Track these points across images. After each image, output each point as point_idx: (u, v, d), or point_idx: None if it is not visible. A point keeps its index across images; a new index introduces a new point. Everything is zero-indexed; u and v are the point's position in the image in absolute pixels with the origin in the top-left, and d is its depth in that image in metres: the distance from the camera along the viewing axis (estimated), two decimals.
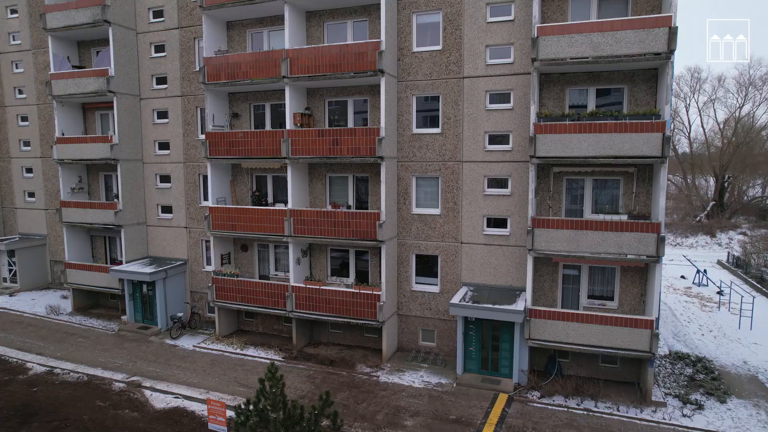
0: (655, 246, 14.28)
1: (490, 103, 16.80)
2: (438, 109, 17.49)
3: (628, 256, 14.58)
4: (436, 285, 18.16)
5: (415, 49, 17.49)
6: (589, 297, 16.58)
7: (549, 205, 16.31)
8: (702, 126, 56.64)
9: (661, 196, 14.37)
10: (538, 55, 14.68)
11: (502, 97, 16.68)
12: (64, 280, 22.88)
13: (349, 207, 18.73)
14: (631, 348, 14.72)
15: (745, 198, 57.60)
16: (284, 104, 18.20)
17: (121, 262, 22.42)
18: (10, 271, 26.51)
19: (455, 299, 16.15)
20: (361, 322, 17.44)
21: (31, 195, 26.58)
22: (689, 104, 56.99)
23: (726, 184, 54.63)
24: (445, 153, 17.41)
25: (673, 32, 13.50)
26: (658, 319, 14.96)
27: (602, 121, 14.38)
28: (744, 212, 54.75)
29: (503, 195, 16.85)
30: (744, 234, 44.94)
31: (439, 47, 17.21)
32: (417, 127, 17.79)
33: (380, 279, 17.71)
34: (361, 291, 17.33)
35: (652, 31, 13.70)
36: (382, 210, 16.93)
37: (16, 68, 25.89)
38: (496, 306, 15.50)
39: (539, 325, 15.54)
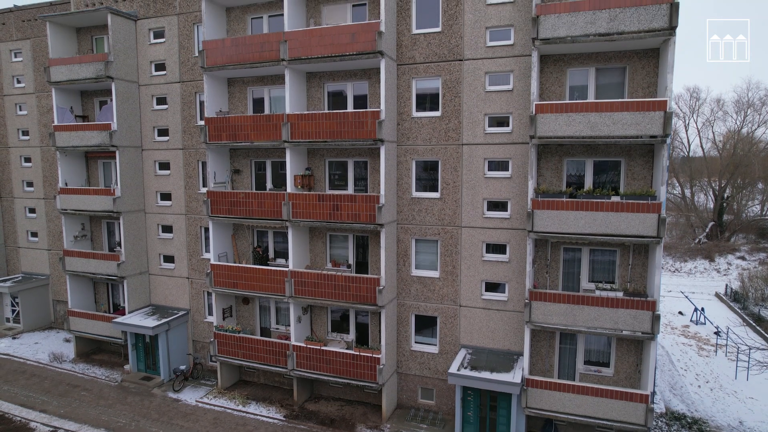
0: (650, 323, 14.49)
1: (488, 171, 17.00)
2: (437, 174, 17.70)
3: (624, 332, 14.80)
4: (435, 345, 18.39)
5: (415, 114, 17.70)
6: (586, 363, 16.79)
7: (546, 274, 16.53)
8: (701, 146, 56.83)
9: (656, 274, 14.58)
10: (536, 133, 14.88)
11: (500, 165, 16.89)
12: (67, 327, 23.10)
13: (349, 266, 18.95)
14: (626, 421, 14.94)
15: (744, 216, 57.80)
16: (285, 161, 18.38)
17: (123, 309, 22.70)
18: (13, 311, 26.77)
19: (453, 367, 16.37)
20: (362, 383, 17.67)
21: (34, 235, 26.84)
22: (688, 124, 57.28)
23: (725, 204, 54.82)
24: (444, 217, 17.62)
25: (668, 117, 13.70)
26: (654, 393, 15.19)
27: (599, 200, 14.58)
28: (743, 230, 54.92)
29: (501, 261, 17.06)
30: (743, 258, 45.16)
31: (438, 113, 17.41)
32: (416, 191, 18.00)
33: (380, 340, 17.94)
34: (362, 354, 17.55)
35: (648, 114, 13.89)
36: (381, 275, 17.15)
37: (20, 110, 26.13)
38: (494, 377, 15.70)
39: (536, 394, 15.77)
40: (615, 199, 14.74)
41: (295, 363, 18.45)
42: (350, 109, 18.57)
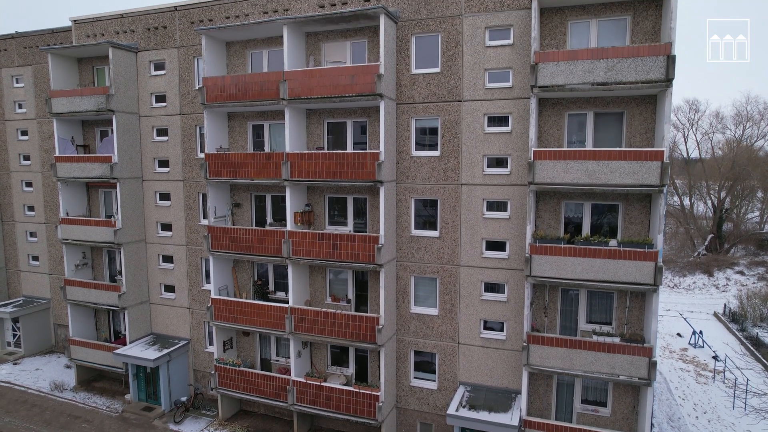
0: (646, 369, 14.61)
1: (487, 211, 17.10)
2: (436, 213, 17.81)
3: (620, 377, 14.93)
4: (434, 381, 18.51)
5: (414, 153, 17.80)
6: (583, 402, 16.92)
7: (545, 315, 16.64)
8: (700, 158, 56.86)
9: (653, 321, 14.70)
10: (534, 179, 15.00)
11: (499, 206, 16.99)
12: (68, 355, 23.24)
13: (348, 301, 19.07)
14: None
15: (743, 227, 57.85)
16: (285, 195, 18.46)
17: (124, 337, 22.80)
18: (14, 335, 26.90)
19: (452, 407, 16.49)
20: (361, 420, 17.79)
21: (35, 258, 26.97)
22: (687, 135, 57.37)
23: (724, 215, 54.90)
24: (443, 256, 17.73)
25: (665, 167, 13.81)
26: (652, 425, 15.31)
27: (596, 247, 14.71)
28: (743, 242, 54.99)
29: (500, 301, 17.18)
30: (741, 273, 45.26)
31: (437, 153, 17.52)
32: (416, 228, 18.11)
33: (380, 376, 18.06)
34: (361, 391, 17.66)
35: (645, 163, 14.00)
36: (381, 314, 17.27)
37: (21, 135, 26.24)
38: (491, 418, 15.83)
39: None
40: (612, 244, 14.88)
41: (295, 398, 18.58)
42: (350, 145, 18.69)
